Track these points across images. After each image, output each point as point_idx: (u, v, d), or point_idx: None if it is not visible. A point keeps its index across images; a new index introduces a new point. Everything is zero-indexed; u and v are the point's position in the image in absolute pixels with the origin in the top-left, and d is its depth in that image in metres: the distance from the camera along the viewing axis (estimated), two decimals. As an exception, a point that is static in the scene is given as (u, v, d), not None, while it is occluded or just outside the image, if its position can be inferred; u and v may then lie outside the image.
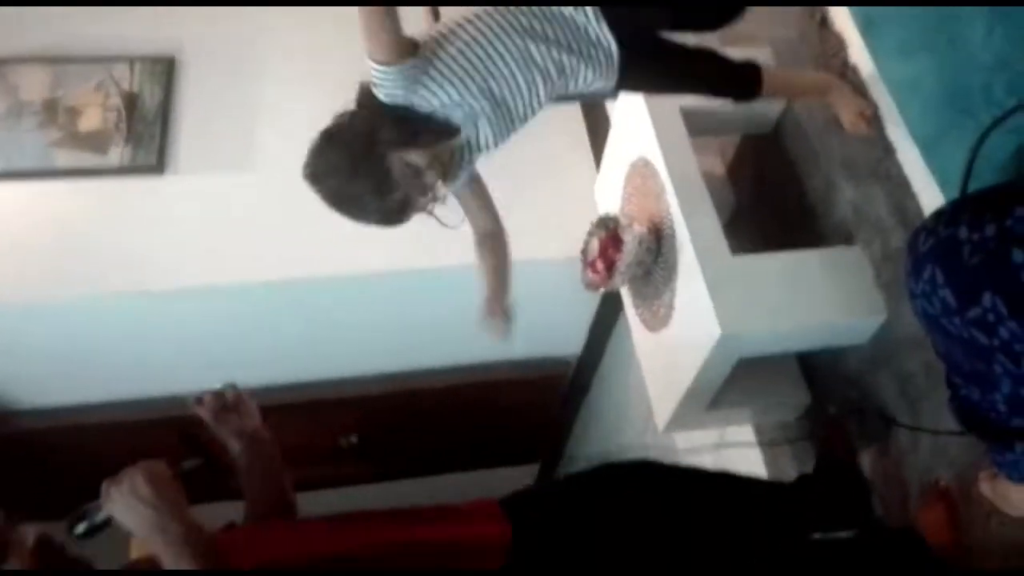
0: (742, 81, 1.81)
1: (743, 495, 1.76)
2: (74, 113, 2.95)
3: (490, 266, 1.94)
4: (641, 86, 1.90)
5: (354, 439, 3.53)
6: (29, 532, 1.16)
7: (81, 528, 1.14)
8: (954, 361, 0.84)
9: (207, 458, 1.31)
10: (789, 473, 2.26)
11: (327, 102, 3.18)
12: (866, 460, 1.94)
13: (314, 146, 1.57)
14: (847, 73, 1.82)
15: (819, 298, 1.82)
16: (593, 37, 1.66)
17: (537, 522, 1.47)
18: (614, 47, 1.67)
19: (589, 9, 1.64)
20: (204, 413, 1.44)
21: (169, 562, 1.08)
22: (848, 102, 1.79)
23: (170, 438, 1.45)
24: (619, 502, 1.59)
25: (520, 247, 2.93)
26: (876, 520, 1.92)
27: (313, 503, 1.57)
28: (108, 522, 1.12)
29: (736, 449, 2.41)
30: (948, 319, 0.78)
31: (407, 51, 1.52)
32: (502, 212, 2.88)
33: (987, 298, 0.74)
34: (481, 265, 1.94)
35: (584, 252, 2.14)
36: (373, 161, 1.52)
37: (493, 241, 1.93)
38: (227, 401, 1.45)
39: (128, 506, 1.08)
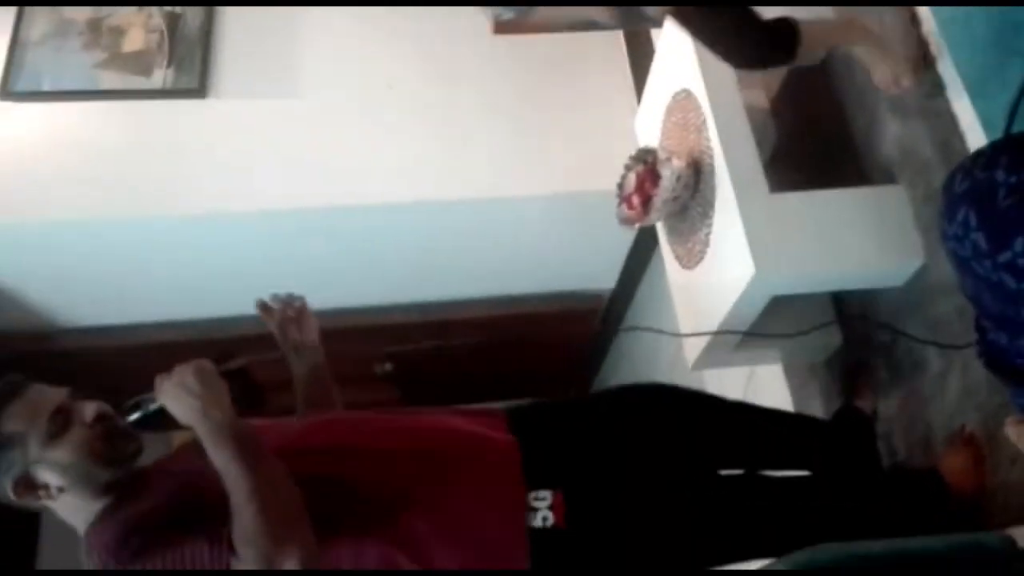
0: (780, 42, 1.69)
1: (755, 427, 1.78)
2: (118, 33, 2.96)
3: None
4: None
5: (389, 367, 3.61)
6: (89, 406, 1.30)
7: (135, 416, 1.28)
8: (983, 304, 0.84)
9: (246, 372, 1.40)
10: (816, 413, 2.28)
11: (371, 27, 3.18)
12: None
13: None
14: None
15: (857, 238, 1.79)
16: None
17: (546, 439, 1.51)
18: None
19: None
20: (270, 319, 1.55)
21: (210, 445, 1.21)
22: (882, 57, 1.74)
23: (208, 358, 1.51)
24: (630, 420, 1.63)
25: (557, 178, 2.95)
26: (894, 467, 1.94)
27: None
28: (159, 412, 1.25)
29: (765, 387, 2.43)
30: (978, 262, 0.77)
31: None
32: (541, 141, 2.87)
33: (1018, 242, 0.73)
34: None
35: (620, 186, 2.13)
36: None
37: None
38: (291, 311, 1.55)
39: (176, 396, 1.21)
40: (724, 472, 1.70)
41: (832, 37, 1.85)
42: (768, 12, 1.69)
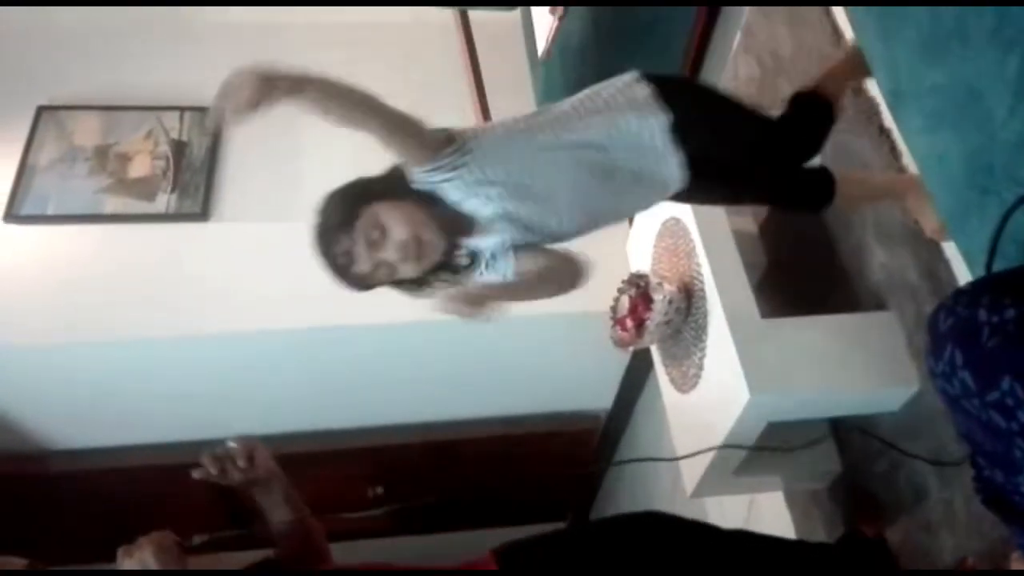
0: (814, 194, 1.70)
1: (756, 554, 1.73)
2: (124, 160, 3.05)
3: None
4: (697, 202, 1.85)
5: (380, 490, 3.53)
6: None
7: None
8: (976, 442, 0.83)
9: (248, 517, 1.40)
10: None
11: (371, 155, 3.27)
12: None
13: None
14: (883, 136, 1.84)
15: (850, 364, 1.80)
16: (656, 170, 1.53)
17: (535, 568, 1.47)
18: (676, 181, 1.54)
19: (659, 135, 1.50)
20: (208, 476, 1.41)
21: None
22: (930, 207, 1.68)
23: (201, 481, 1.48)
24: (622, 553, 1.58)
25: (551, 300, 2.96)
26: None
27: (340, 553, 1.58)
28: None
29: (766, 516, 2.37)
30: (968, 401, 0.78)
31: (441, 143, 1.44)
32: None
33: (1006, 382, 0.73)
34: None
35: (614, 309, 2.15)
36: (350, 203, 1.47)
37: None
38: (232, 456, 1.40)
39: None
40: None
41: (875, 193, 1.84)
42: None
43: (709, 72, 2.72)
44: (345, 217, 1.45)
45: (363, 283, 1.48)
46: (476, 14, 3.01)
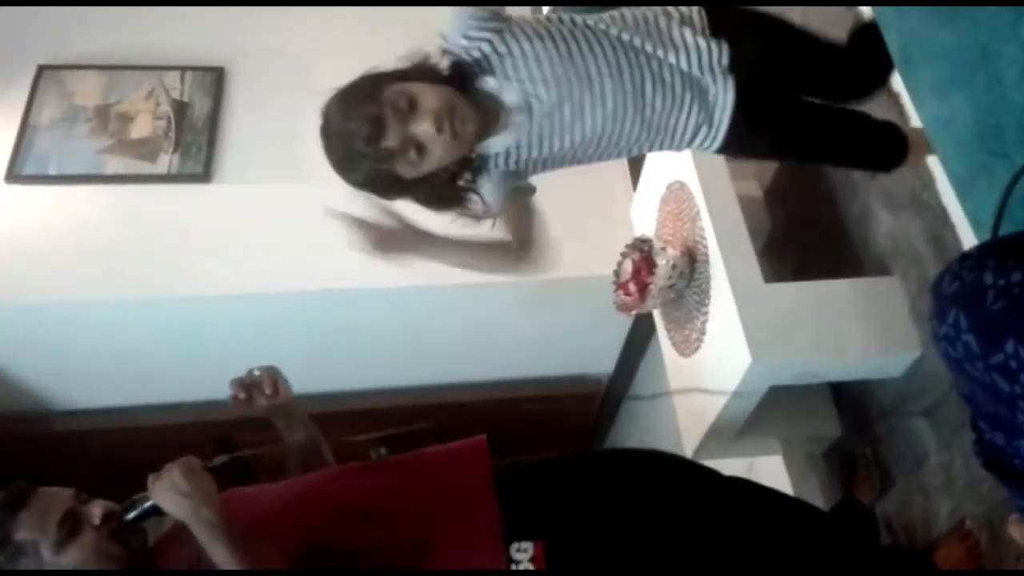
0: (887, 150, 1.56)
1: (752, 501, 1.73)
2: (125, 120, 3.03)
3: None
4: (756, 153, 1.64)
5: (384, 451, 3.55)
6: (96, 507, 1.34)
7: (131, 515, 1.34)
8: (978, 405, 0.83)
9: (237, 458, 1.49)
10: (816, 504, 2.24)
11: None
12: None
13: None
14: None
15: (853, 330, 1.80)
16: (709, 94, 1.40)
17: (527, 487, 1.53)
18: (728, 111, 1.42)
19: (715, 55, 1.38)
20: (237, 400, 1.55)
21: (205, 541, 1.27)
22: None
23: (204, 440, 1.53)
24: (618, 478, 1.60)
25: (555, 264, 2.96)
26: (891, 551, 1.90)
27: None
28: (153, 509, 1.32)
29: (765, 479, 2.39)
30: (971, 364, 0.78)
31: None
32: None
33: (1010, 345, 0.73)
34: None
35: (617, 273, 2.15)
36: (370, 89, 1.30)
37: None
38: (258, 383, 1.55)
39: (167, 496, 1.27)
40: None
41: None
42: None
43: None
44: (371, 88, 1.28)
45: (383, 167, 1.31)
46: None
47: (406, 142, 1.27)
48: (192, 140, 2.98)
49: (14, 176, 2.85)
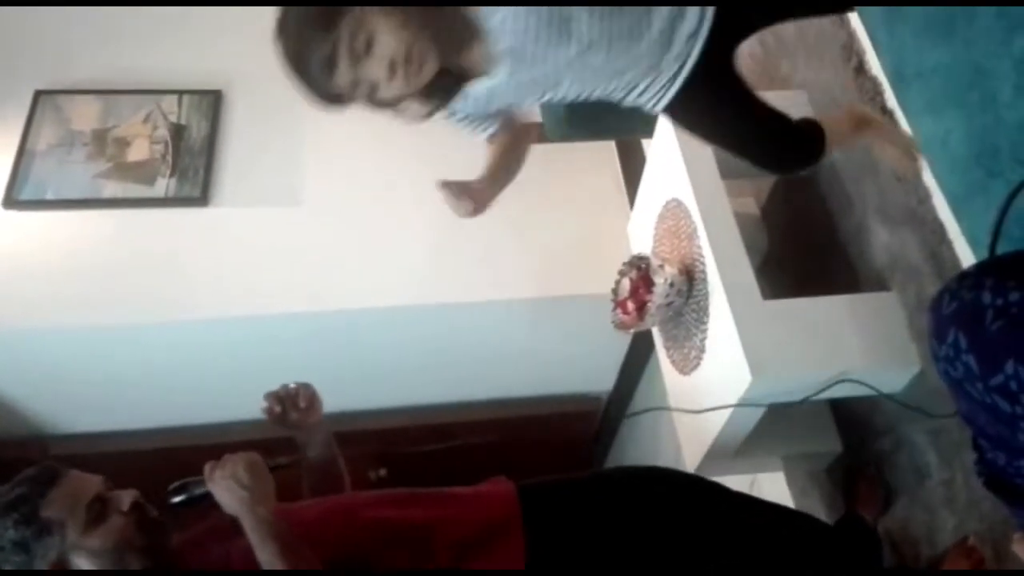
0: (807, 149, 1.64)
1: (756, 516, 1.74)
2: (123, 144, 3.03)
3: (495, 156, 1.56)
4: (693, 123, 1.63)
5: (383, 472, 3.54)
6: (126, 495, 1.34)
7: (179, 498, 1.33)
8: (978, 425, 0.83)
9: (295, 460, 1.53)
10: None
11: (370, 139, 3.27)
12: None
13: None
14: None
15: (852, 346, 1.79)
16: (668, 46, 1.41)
17: (552, 513, 1.55)
18: (689, 64, 1.43)
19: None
20: (271, 413, 1.54)
21: (255, 539, 1.27)
22: (891, 140, 1.72)
23: (202, 465, 1.52)
24: (633, 500, 1.61)
25: (553, 282, 2.97)
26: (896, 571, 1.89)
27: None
28: (204, 497, 1.31)
29: (766, 496, 2.38)
30: (971, 384, 0.77)
31: None
32: (537, 244, 2.91)
33: (1010, 365, 0.73)
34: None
35: (615, 292, 2.15)
36: (334, 17, 1.21)
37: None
38: (293, 397, 1.55)
39: (227, 487, 1.27)
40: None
41: (845, 136, 1.76)
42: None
43: None
44: (326, 16, 1.21)
45: (336, 100, 1.28)
46: None
47: (356, 83, 1.24)
48: (189, 163, 2.99)
49: (12, 201, 2.86)
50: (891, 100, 1.85)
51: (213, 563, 1.37)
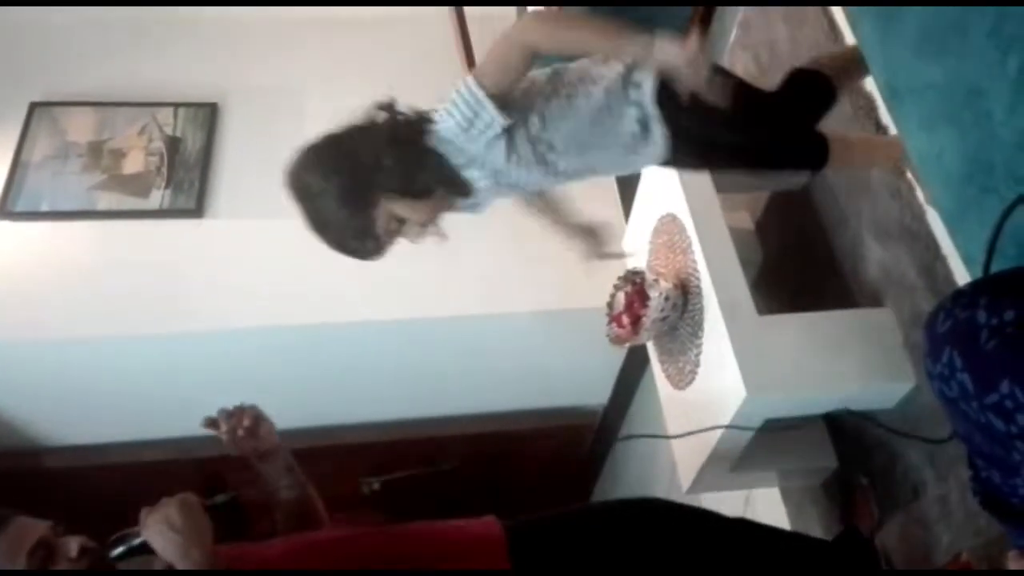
0: (812, 153, 1.63)
1: (754, 543, 1.73)
2: (118, 156, 3.03)
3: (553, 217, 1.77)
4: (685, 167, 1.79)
5: (376, 485, 3.53)
6: (73, 542, 1.31)
7: (118, 550, 1.28)
8: (974, 444, 0.83)
9: (236, 498, 1.41)
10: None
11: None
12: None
13: (309, 150, 1.43)
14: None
15: (847, 361, 1.79)
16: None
17: (541, 549, 1.53)
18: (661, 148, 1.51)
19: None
20: (220, 434, 1.51)
21: None
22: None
23: (195, 477, 1.50)
24: (626, 537, 1.59)
25: (546, 295, 2.97)
26: None
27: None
28: (142, 547, 1.26)
29: (762, 512, 2.37)
30: (966, 403, 0.77)
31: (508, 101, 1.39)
32: (531, 258, 2.91)
33: (1005, 385, 0.73)
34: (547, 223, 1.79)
35: (610, 306, 2.14)
36: (361, 201, 1.39)
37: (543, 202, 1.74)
38: (242, 426, 1.50)
39: (159, 531, 1.23)
40: None
41: (856, 158, 1.79)
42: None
43: (717, 30, 2.70)
44: (363, 205, 1.39)
45: (376, 255, 1.49)
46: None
47: (392, 243, 1.47)
48: (184, 176, 2.99)
49: (6, 213, 2.85)
50: (885, 116, 1.86)
51: None
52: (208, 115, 3.13)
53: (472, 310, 2.91)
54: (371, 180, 1.37)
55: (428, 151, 1.40)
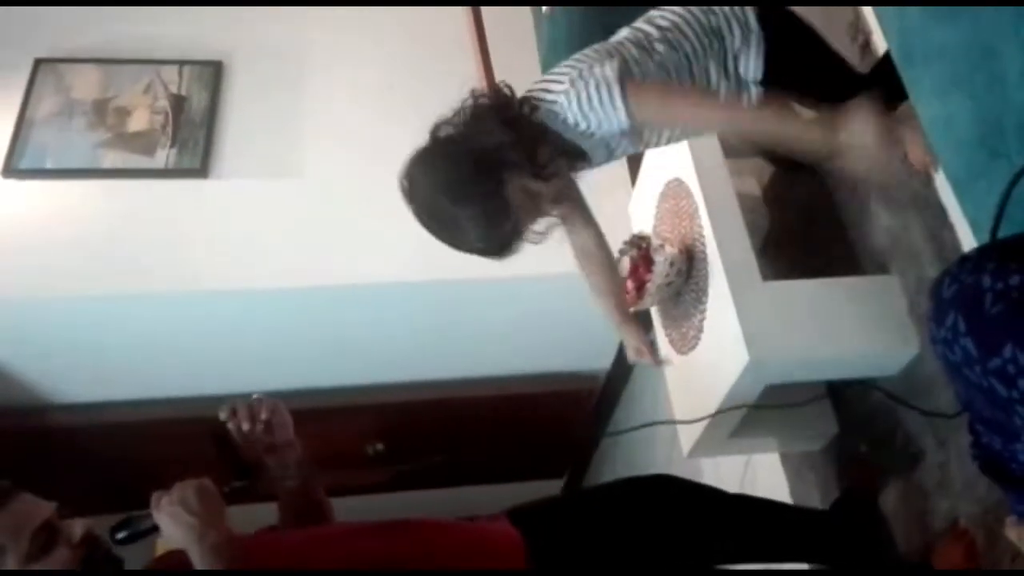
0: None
1: (758, 519, 1.75)
2: (123, 114, 3.02)
3: (603, 291, 1.78)
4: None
5: (380, 447, 3.56)
6: (77, 526, 1.26)
7: (123, 534, 1.25)
8: (975, 409, 0.83)
9: (248, 471, 1.40)
10: (814, 504, 2.24)
11: (371, 113, 3.25)
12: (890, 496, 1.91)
13: (421, 154, 1.41)
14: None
15: (850, 328, 1.79)
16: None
17: (551, 534, 1.49)
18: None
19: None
20: (233, 428, 1.42)
21: (202, 565, 1.18)
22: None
23: (201, 438, 1.49)
24: (635, 516, 1.61)
25: (553, 260, 2.95)
26: (892, 557, 1.90)
27: (339, 509, 1.60)
28: (151, 530, 1.23)
29: (761, 477, 2.39)
30: (969, 368, 0.77)
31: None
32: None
33: (1008, 349, 0.73)
34: (593, 291, 1.80)
35: (615, 271, 2.14)
36: (491, 184, 1.35)
37: (593, 258, 1.78)
38: (260, 421, 1.40)
39: (173, 513, 1.19)
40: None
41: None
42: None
43: None
44: (495, 185, 1.36)
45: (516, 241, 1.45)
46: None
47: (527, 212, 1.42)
48: (189, 135, 2.97)
49: (11, 170, 2.85)
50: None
51: None
52: (213, 74, 3.11)
53: (478, 274, 2.90)
54: (497, 159, 1.35)
55: (542, 125, 1.40)
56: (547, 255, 2.95)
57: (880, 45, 1.87)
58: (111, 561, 1.27)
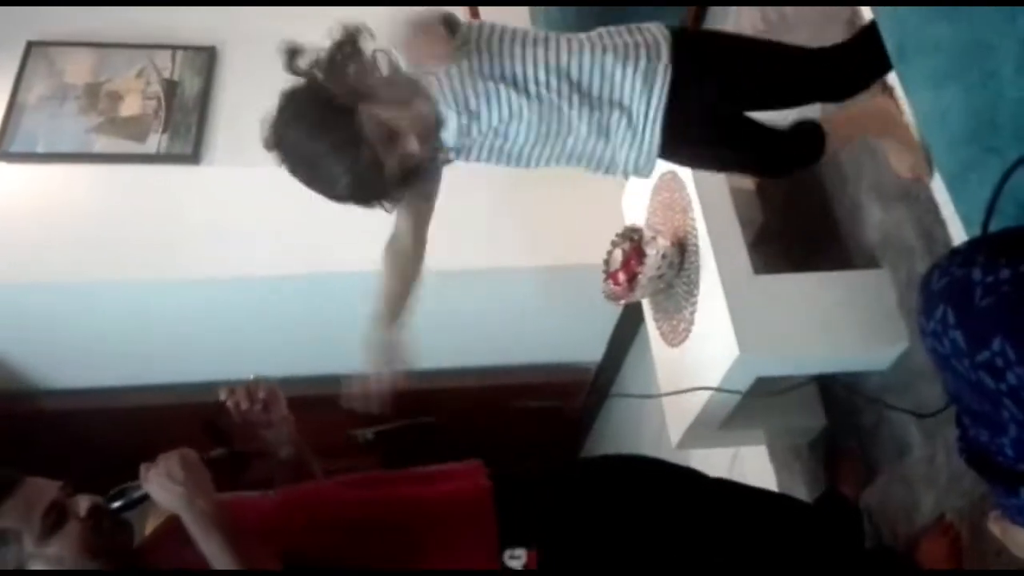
0: (804, 151, 1.69)
1: (735, 503, 1.75)
2: (115, 98, 3.00)
3: (385, 294, 1.79)
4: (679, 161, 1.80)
5: (370, 435, 3.56)
6: (83, 500, 1.31)
7: (118, 503, 1.32)
8: (963, 402, 0.84)
9: (230, 448, 1.46)
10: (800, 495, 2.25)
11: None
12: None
13: (279, 103, 1.50)
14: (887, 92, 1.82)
15: (841, 322, 1.80)
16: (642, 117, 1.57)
17: (523, 495, 1.54)
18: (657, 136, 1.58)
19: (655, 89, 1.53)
20: (232, 406, 1.50)
21: (197, 533, 1.26)
22: (907, 147, 1.74)
23: (192, 424, 1.51)
24: (609, 487, 1.62)
25: (544, 251, 2.97)
26: (874, 551, 1.91)
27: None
28: (142, 499, 1.30)
29: (749, 469, 2.40)
30: (958, 360, 0.78)
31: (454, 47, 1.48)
32: (530, 215, 2.91)
33: (996, 342, 0.73)
34: (377, 288, 1.79)
35: (606, 263, 2.14)
36: (339, 113, 1.41)
37: (404, 264, 1.77)
38: (256, 395, 1.50)
39: (161, 484, 1.26)
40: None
41: (857, 129, 1.81)
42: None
43: (712, 22, 2.68)
44: (340, 121, 1.41)
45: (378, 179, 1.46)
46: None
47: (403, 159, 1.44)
48: (182, 120, 2.96)
49: (1, 153, 2.82)
50: (892, 75, 1.84)
51: (169, 563, 1.35)
52: (207, 59, 3.09)
53: (468, 264, 2.90)
54: (338, 93, 1.42)
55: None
56: (540, 247, 2.97)
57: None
58: (120, 525, 1.33)
